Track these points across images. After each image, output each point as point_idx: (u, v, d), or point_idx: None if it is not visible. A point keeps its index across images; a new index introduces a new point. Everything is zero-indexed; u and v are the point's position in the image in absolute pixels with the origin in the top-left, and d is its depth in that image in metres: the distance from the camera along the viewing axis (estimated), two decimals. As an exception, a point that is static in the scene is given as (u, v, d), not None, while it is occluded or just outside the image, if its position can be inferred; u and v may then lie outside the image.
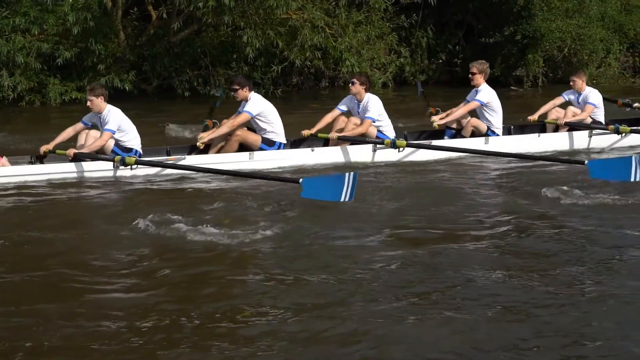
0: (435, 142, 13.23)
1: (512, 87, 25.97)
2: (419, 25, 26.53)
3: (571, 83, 14.58)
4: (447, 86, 25.93)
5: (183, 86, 23.14)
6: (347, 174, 9.52)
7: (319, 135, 13.07)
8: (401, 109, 17.17)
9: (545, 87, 26.03)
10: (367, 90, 13.21)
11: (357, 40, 22.90)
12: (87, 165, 11.65)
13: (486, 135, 13.65)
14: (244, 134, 12.51)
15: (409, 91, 24.38)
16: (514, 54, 26.26)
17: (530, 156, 12.81)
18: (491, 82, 25.14)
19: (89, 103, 11.96)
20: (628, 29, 28.06)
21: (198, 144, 12.42)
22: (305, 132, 13.09)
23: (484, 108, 13.81)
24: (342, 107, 13.38)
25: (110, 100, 12.13)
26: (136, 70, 22.41)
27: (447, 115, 13.86)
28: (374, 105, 13.10)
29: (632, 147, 14.16)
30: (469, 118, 13.80)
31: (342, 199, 9.47)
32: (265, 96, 22.09)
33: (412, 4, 24.57)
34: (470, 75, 14.01)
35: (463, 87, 24.29)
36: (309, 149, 12.83)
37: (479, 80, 13.86)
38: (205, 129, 13.03)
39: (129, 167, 11.54)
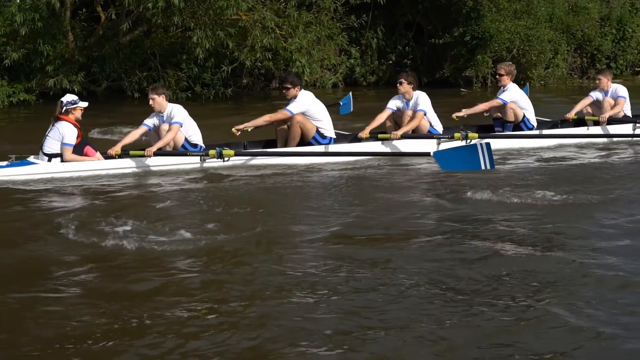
0: (502, 133, 14.03)
1: (462, 90, 26.11)
2: (369, 26, 26.62)
3: (597, 82, 15.29)
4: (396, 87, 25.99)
5: (133, 87, 23.04)
6: (479, 144, 10.23)
7: (379, 136, 13.46)
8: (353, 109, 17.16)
9: (494, 87, 26.19)
10: (414, 89, 13.75)
11: (307, 41, 22.89)
12: (173, 160, 12.22)
13: (520, 129, 14.32)
14: (303, 120, 12.99)
15: (359, 92, 24.45)
16: (463, 54, 26.40)
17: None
18: (440, 83, 25.44)
19: (151, 102, 12.32)
20: (575, 30, 28.33)
21: (233, 129, 12.86)
22: (363, 134, 13.43)
23: (513, 106, 14.31)
24: (392, 106, 13.86)
25: (59, 101, 12.08)
26: (85, 72, 22.27)
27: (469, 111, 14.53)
28: (424, 100, 13.64)
29: None
30: (508, 105, 14.28)
31: (482, 168, 10.18)
32: (215, 97, 22.26)
33: (361, 4, 24.59)
34: (497, 77, 14.64)
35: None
36: (379, 142, 13.32)
37: (506, 81, 14.42)
38: None
39: (223, 159, 12.10)
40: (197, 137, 12.50)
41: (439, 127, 13.75)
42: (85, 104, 11.95)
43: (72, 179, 11.53)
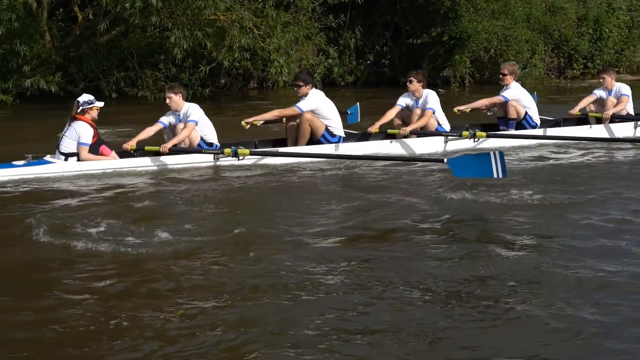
0: (509, 132, 14.26)
1: (440, 90, 26.13)
2: (347, 26, 26.63)
3: (601, 80, 15.57)
4: (375, 87, 26.05)
5: (110, 88, 22.97)
6: (492, 152, 10.35)
7: (388, 131, 13.77)
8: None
9: (472, 87, 26.28)
10: (423, 87, 14.01)
11: (285, 41, 22.88)
12: (188, 159, 12.32)
13: (523, 126, 14.58)
14: (312, 118, 13.16)
15: (337, 92, 24.46)
16: (441, 54, 26.46)
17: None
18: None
19: (168, 100, 12.47)
20: (553, 30, 28.45)
21: (242, 122, 13.12)
22: (372, 129, 13.69)
23: (515, 104, 14.55)
24: (402, 103, 14.11)
25: (36, 102, 12.10)
26: (62, 72, 22.15)
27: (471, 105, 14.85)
28: (433, 99, 13.89)
29: None
30: (510, 101, 14.53)
31: (494, 176, 10.28)
32: (193, 97, 22.23)
33: (339, 4, 24.58)
34: (500, 76, 14.87)
35: (391, 88, 24.55)
36: (387, 141, 13.55)
37: (509, 80, 14.73)
38: None
39: (238, 158, 12.22)
40: (212, 136, 12.64)
41: (446, 126, 13.97)
42: (101, 104, 12.15)
43: (88, 177, 11.64)
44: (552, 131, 14.51)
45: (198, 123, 12.41)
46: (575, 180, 11.54)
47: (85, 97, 12.07)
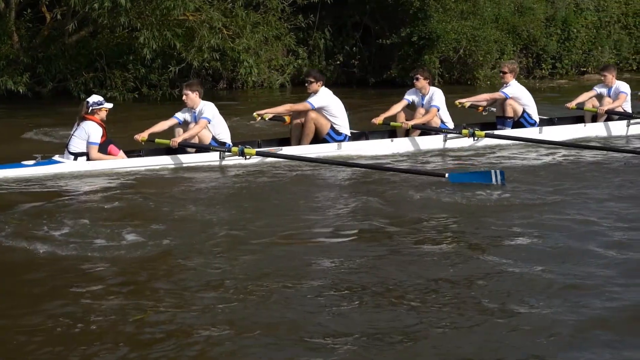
0: (503, 132, 14.57)
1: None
2: (316, 26, 26.61)
3: (602, 78, 16.06)
4: (345, 87, 26.04)
5: (79, 88, 22.80)
6: (493, 171, 10.90)
7: (391, 124, 14.19)
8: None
9: (441, 87, 26.28)
10: (430, 84, 14.51)
11: (254, 41, 22.84)
12: (194, 158, 12.65)
13: (521, 124, 15.00)
14: (317, 116, 13.52)
15: (306, 92, 24.43)
16: (410, 55, 26.46)
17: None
18: (388, 83, 25.49)
19: (184, 97, 12.89)
20: (521, 31, 28.52)
21: (254, 113, 13.59)
22: (376, 120, 14.11)
23: (512, 102, 15.00)
24: (408, 98, 14.63)
25: (3, 102, 12.06)
26: (30, 73, 21.98)
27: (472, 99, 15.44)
28: (438, 96, 14.31)
29: None
30: (507, 100, 14.99)
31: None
32: (163, 98, 22.14)
33: (309, 4, 24.55)
34: (501, 74, 15.50)
35: (360, 89, 24.59)
36: (388, 140, 14.06)
37: (509, 78, 15.20)
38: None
39: (244, 157, 12.47)
40: (225, 135, 12.92)
41: (450, 124, 14.36)
42: (110, 105, 12.36)
43: (97, 176, 11.92)
44: (547, 131, 14.88)
45: (211, 121, 12.71)
46: (555, 180, 11.70)
47: (95, 98, 12.26)
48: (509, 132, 14.68)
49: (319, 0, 24.47)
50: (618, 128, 15.69)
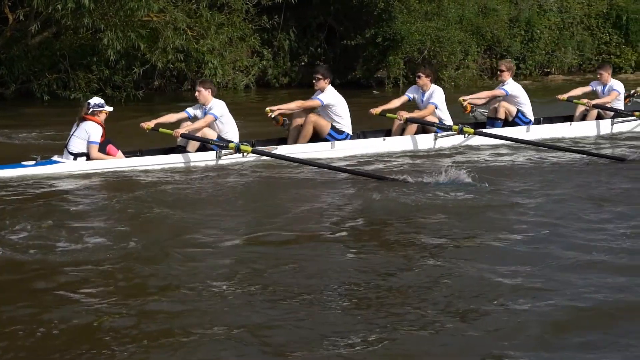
0: (494, 131, 14.76)
1: (375, 91, 26.24)
2: (281, 27, 26.60)
3: (598, 76, 16.51)
4: (310, 88, 25.96)
5: (42, 90, 22.69)
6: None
7: (387, 115, 14.38)
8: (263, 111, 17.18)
9: (406, 88, 26.31)
10: (432, 82, 14.71)
11: (219, 42, 22.80)
12: (192, 156, 12.77)
13: (515, 122, 15.28)
14: (316, 118, 13.72)
15: (271, 93, 24.45)
16: (375, 56, 26.52)
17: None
18: (352, 84, 25.52)
19: (197, 93, 13.21)
20: (485, 32, 28.67)
21: (267, 109, 13.64)
22: (374, 111, 14.39)
23: (512, 99, 15.34)
24: (409, 94, 14.87)
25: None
26: (-7, 74, 21.88)
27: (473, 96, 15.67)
28: (438, 94, 14.54)
29: None
30: (501, 102, 15.33)
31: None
32: (127, 99, 22.04)
33: (273, 5, 24.52)
34: (498, 72, 15.87)
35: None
36: (380, 138, 14.24)
37: (506, 76, 15.46)
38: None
39: (241, 154, 12.66)
40: (232, 134, 13.12)
41: (448, 123, 14.55)
42: (110, 109, 12.51)
43: (97, 176, 12.01)
44: (534, 130, 15.23)
45: (218, 118, 12.96)
46: (528, 181, 11.85)
47: (96, 100, 12.45)
48: (497, 130, 14.88)
49: (284, 1, 24.43)
50: (603, 127, 16.05)
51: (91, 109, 12.23)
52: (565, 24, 31.05)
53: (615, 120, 16.13)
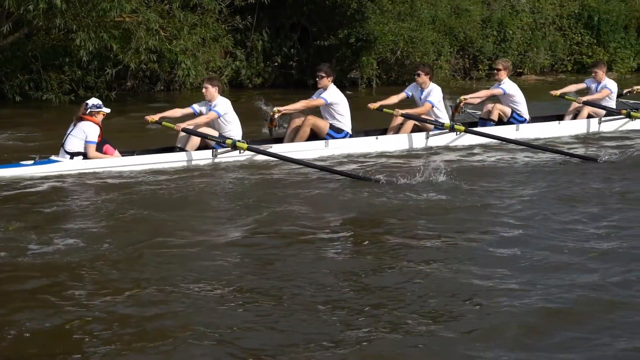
0: (484, 130, 15.05)
1: (348, 91, 26.23)
2: (254, 28, 26.55)
3: (593, 74, 16.82)
4: (283, 89, 26.04)
5: (14, 91, 22.56)
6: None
7: (384, 110, 14.71)
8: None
9: (379, 89, 26.40)
10: (431, 80, 14.99)
11: (192, 43, 22.73)
12: (188, 155, 12.94)
13: (510, 122, 15.60)
14: (314, 120, 13.99)
15: (245, 94, 24.41)
16: (348, 56, 26.54)
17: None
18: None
19: (204, 90, 13.46)
20: (458, 32, 28.76)
21: (275, 109, 13.82)
22: (372, 106, 14.74)
23: (508, 98, 15.68)
24: (408, 91, 15.22)
25: None
26: (-36, 75, 21.73)
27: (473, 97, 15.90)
28: (435, 93, 14.86)
29: (633, 131, 16.43)
30: (495, 104, 15.75)
31: None
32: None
33: (246, 5, 24.47)
34: (495, 71, 16.11)
35: (298, 90, 24.55)
36: (373, 137, 14.47)
37: (502, 75, 15.77)
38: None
39: (238, 150, 12.85)
40: (235, 132, 13.33)
41: (445, 122, 14.80)
42: (108, 110, 12.68)
43: (94, 174, 12.17)
44: (524, 129, 15.48)
45: (221, 116, 13.19)
46: (502, 181, 12.04)
47: (94, 101, 12.60)
48: (487, 129, 15.14)
49: (257, 2, 24.40)
50: (591, 126, 16.37)
51: (89, 110, 12.39)
52: (537, 25, 31.19)
53: (603, 119, 16.41)
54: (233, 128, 13.33)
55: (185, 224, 9.45)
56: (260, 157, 13.04)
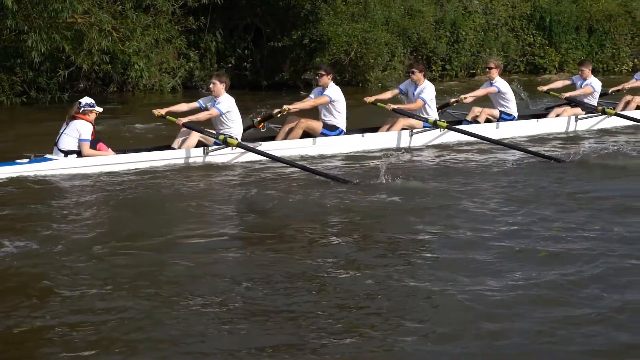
0: (467, 127, 15.41)
1: (302, 92, 26.25)
2: (207, 29, 26.47)
3: (580, 73, 17.53)
4: (237, 90, 25.94)
5: (-35, 92, 22.35)
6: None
7: (378, 104, 15.22)
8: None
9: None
10: (425, 77, 15.46)
11: (145, 44, 22.62)
12: (180, 153, 13.24)
13: (499, 120, 16.13)
14: (307, 123, 14.30)
15: (198, 95, 24.32)
16: (302, 57, 26.52)
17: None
18: (280, 85, 25.49)
19: (212, 85, 13.76)
20: (411, 33, 28.84)
21: (285, 107, 14.10)
22: (367, 99, 15.34)
23: (501, 96, 16.20)
24: (402, 87, 15.78)
25: None
26: None
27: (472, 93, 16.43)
28: (429, 90, 15.29)
29: (607, 129, 17.09)
30: (483, 108, 16.21)
31: None
32: (52, 101, 21.76)
33: (200, 7, 24.39)
34: (487, 70, 16.57)
35: (253, 91, 24.54)
36: (360, 135, 14.86)
37: (494, 74, 16.24)
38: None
39: (230, 147, 13.11)
40: (236, 131, 13.58)
41: (429, 118, 15.18)
42: (100, 109, 12.97)
43: (89, 172, 12.44)
44: (504, 127, 15.98)
45: (223, 114, 13.46)
46: (473, 181, 12.15)
47: (87, 100, 12.83)
48: (468, 126, 15.52)
49: (210, 3, 24.33)
50: (568, 124, 16.99)
51: (82, 108, 12.61)
52: (490, 26, 31.34)
53: (580, 116, 17.00)
54: (234, 126, 13.58)
55: (171, 222, 9.63)
56: (252, 155, 13.27)
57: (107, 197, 11.11)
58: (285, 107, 14.07)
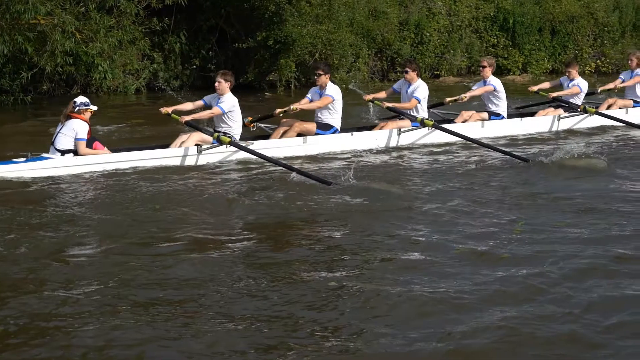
0: (452, 126, 15.66)
1: (267, 93, 26.24)
2: (171, 30, 26.39)
3: (567, 74, 17.85)
4: (202, 91, 25.86)
5: None
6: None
7: (375, 102, 15.72)
8: (152, 114, 17.09)
9: (298, 91, 26.42)
10: (418, 76, 15.73)
11: (108, 45, 22.51)
12: (175, 152, 13.37)
13: (490, 119, 16.44)
14: (301, 127, 14.45)
15: (163, 97, 24.26)
16: (266, 59, 26.51)
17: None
18: (244, 87, 25.49)
19: (217, 84, 13.81)
20: (376, 35, 28.91)
21: (292, 106, 14.41)
22: (366, 97, 15.75)
23: (496, 94, 16.48)
24: (396, 86, 16.03)
25: None
26: None
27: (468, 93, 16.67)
28: (422, 89, 15.57)
29: (587, 128, 17.47)
30: (473, 112, 16.47)
31: None
32: (14, 104, 21.63)
33: (164, 8, 24.31)
34: (480, 68, 16.91)
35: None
36: (349, 134, 15.00)
37: (488, 72, 16.56)
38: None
39: (224, 145, 13.23)
40: (236, 131, 13.77)
41: (418, 116, 15.41)
42: (95, 108, 13.02)
43: (85, 171, 12.58)
44: (489, 126, 16.28)
45: (225, 113, 13.60)
46: (443, 181, 12.18)
47: (82, 99, 12.91)
48: (452, 126, 15.76)
49: (174, 4, 24.24)
50: (551, 122, 17.33)
51: (77, 107, 12.69)
52: (454, 27, 31.48)
53: (562, 115, 17.29)
54: (234, 126, 13.75)
55: (166, 219, 9.76)
56: (245, 154, 13.34)
57: (104, 196, 11.29)
58: (292, 106, 14.29)
